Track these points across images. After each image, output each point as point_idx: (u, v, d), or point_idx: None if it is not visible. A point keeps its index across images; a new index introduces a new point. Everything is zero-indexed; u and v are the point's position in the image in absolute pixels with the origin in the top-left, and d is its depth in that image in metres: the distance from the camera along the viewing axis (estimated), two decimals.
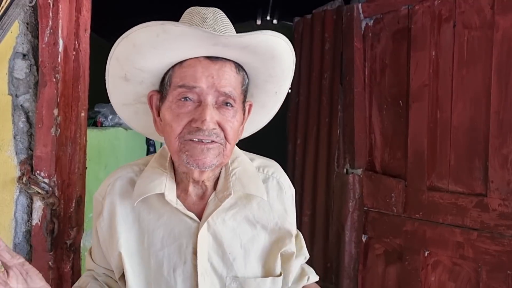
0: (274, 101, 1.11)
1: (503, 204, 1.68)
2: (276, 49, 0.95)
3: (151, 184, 1.00)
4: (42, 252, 1.30)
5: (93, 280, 1.09)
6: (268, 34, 0.91)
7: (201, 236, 0.99)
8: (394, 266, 2.13)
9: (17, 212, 1.34)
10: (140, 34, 0.89)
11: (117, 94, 1.05)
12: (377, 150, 2.26)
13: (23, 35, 1.34)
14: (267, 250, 1.06)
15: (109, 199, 1.05)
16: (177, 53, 0.92)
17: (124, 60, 0.96)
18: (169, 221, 1.01)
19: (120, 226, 1.03)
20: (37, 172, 1.30)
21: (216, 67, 0.92)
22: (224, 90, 0.92)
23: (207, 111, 0.90)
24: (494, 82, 1.72)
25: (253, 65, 0.99)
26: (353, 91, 2.30)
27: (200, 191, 1.04)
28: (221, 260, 1.01)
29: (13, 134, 1.33)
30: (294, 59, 1.03)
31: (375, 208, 2.24)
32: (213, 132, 0.92)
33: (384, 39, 2.21)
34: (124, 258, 1.01)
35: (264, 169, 1.11)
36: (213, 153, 0.93)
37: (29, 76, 1.34)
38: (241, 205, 1.05)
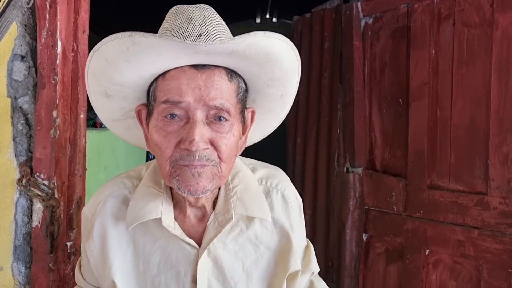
0: (281, 104, 1.00)
1: (503, 203, 1.68)
2: (271, 52, 0.83)
3: (146, 207, 0.91)
4: (42, 254, 1.30)
5: None
6: (258, 35, 0.78)
7: (201, 264, 0.92)
8: (395, 265, 2.13)
9: (17, 214, 1.34)
10: (109, 47, 0.79)
11: (102, 111, 0.96)
12: (377, 149, 2.26)
13: (21, 37, 1.34)
14: (272, 271, 0.98)
15: (99, 220, 0.95)
16: (155, 65, 0.81)
17: (100, 75, 0.86)
18: (166, 245, 0.93)
19: (113, 251, 0.94)
20: (37, 174, 1.30)
21: (203, 77, 0.80)
22: (215, 104, 0.80)
23: (195, 129, 0.79)
24: (494, 80, 1.71)
25: (248, 70, 0.87)
26: (353, 90, 2.29)
27: (199, 213, 0.96)
28: (221, 286, 0.94)
29: (13, 136, 1.33)
30: (298, 59, 0.91)
31: (375, 207, 2.23)
32: (204, 155, 0.81)
33: (383, 37, 2.21)
34: (118, 285, 0.93)
35: (268, 181, 1.02)
36: (206, 176, 0.83)
37: (27, 78, 1.34)
38: (243, 226, 0.96)
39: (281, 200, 1.00)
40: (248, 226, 0.96)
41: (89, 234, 0.96)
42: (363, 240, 2.31)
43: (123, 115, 0.96)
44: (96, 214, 0.95)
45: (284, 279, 0.96)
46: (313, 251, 1.08)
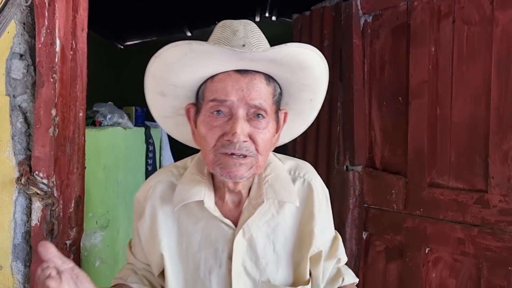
0: (310, 108, 1.14)
1: (503, 200, 1.67)
2: (304, 60, 0.97)
3: (191, 191, 1.05)
4: None
5: (133, 273, 1.16)
6: (294, 46, 0.93)
7: (237, 243, 1.05)
8: (395, 263, 2.13)
9: (16, 213, 1.34)
10: (169, 53, 0.94)
11: (156, 108, 1.11)
12: (377, 147, 2.26)
13: (20, 35, 1.33)
14: (298, 254, 1.10)
15: (150, 202, 1.11)
16: (206, 69, 0.96)
17: (158, 77, 1.01)
18: (206, 226, 1.07)
19: (161, 229, 1.09)
20: (36, 172, 1.30)
21: (245, 80, 0.95)
22: (254, 103, 0.94)
23: (237, 124, 0.93)
24: (494, 78, 1.71)
25: (283, 76, 1.01)
26: (353, 88, 2.29)
27: (236, 199, 1.09)
28: (254, 265, 1.07)
29: (11, 134, 1.33)
30: (327, 67, 1.04)
31: (375, 205, 2.23)
32: (244, 146, 0.94)
33: (383, 35, 2.20)
34: (166, 258, 1.07)
35: (296, 171, 1.14)
36: (245, 167, 0.96)
37: (26, 76, 1.34)
38: (274, 212, 1.09)
39: (307, 188, 1.12)
40: (278, 211, 1.09)
41: (140, 215, 1.12)
42: (363, 238, 2.30)
43: (173, 112, 1.11)
44: (148, 197, 1.11)
45: (307, 261, 1.08)
46: (341, 242, 1.20)
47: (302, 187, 1.12)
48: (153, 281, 1.15)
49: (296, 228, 1.10)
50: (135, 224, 1.15)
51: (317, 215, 1.10)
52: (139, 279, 1.15)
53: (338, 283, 1.17)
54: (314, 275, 1.12)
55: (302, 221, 1.10)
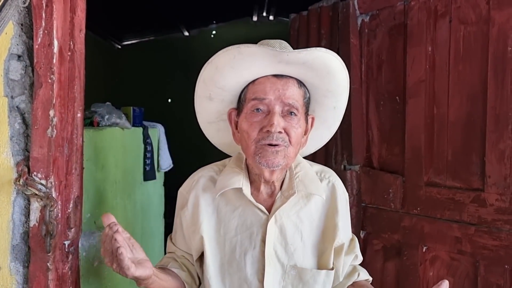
0: (333, 116, 1.30)
1: (500, 199, 1.68)
2: (330, 65, 1.13)
3: (231, 180, 1.22)
4: (40, 253, 1.30)
5: (173, 260, 1.31)
6: (322, 51, 1.10)
7: (270, 227, 1.19)
8: (393, 262, 2.14)
9: (14, 213, 1.34)
10: (221, 57, 1.11)
11: (203, 113, 1.29)
12: (375, 146, 2.27)
13: (18, 36, 1.33)
14: (321, 245, 1.23)
15: (193, 193, 1.28)
16: (250, 71, 1.13)
17: (209, 81, 1.18)
18: (243, 212, 1.23)
19: (202, 215, 1.24)
20: (34, 173, 1.30)
21: (281, 83, 1.14)
22: (288, 101, 1.13)
23: (274, 117, 1.10)
24: (490, 77, 1.72)
25: (312, 81, 1.18)
26: (350, 88, 2.29)
27: (269, 190, 1.25)
28: (283, 250, 1.20)
29: (9, 135, 1.33)
30: (347, 75, 1.22)
31: (373, 204, 2.24)
32: (280, 136, 1.11)
33: (380, 35, 2.21)
34: (205, 240, 1.22)
35: (322, 173, 1.31)
36: (280, 155, 1.12)
37: (24, 77, 1.34)
38: (303, 204, 1.25)
39: (332, 188, 1.29)
40: (306, 204, 1.25)
41: (183, 205, 1.29)
42: (361, 237, 2.31)
43: (217, 117, 1.29)
44: (191, 189, 1.29)
45: (331, 251, 1.21)
46: (357, 242, 1.36)
47: (327, 187, 1.28)
48: (191, 268, 1.30)
49: (321, 222, 1.25)
50: (177, 215, 1.32)
51: (340, 211, 1.25)
52: (178, 265, 1.29)
53: (354, 277, 1.31)
54: (336, 267, 1.24)
55: (327, 216, 1.25)
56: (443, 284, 0.98)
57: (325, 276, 1.20)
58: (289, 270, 1.19)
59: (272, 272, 1.18)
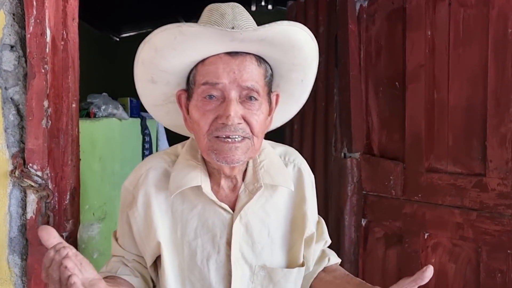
0: (301, 89, 1.13)
1: (502, 184, 1.67)
2: (295, 39, 0.96)
3: (187, 177, 1.04)
4: (38, 245, 1.29)
5: (123, 265, 1.12)
6: (284, 24, 0.92)
7: (236, 227, 1.04)
8: (394, 249, 2.13)
9: (11, 206, 1.33)
10: (159, 37, 0.93)
11: (147, 96, 1.09)
12: (375, 133, 2.25)
13: (10, 26, 1.31)
14: (291, 238, 1.11)
15: (143, 190, 1.08)
16: (196, 52, 0.95)
17: (148, 63, 1.00)
18: (203, 211, 1.06)
19: (156, 217, 1.06)
20: (30, 165, 1.29)
21: (236, 62, 0.94)
22: (247, 84, 0.94)
23: (231, 106, 0.92)
24: (491, 60, 1.69)
25: (274, 57, 1.00)
26: (349, 74, 2.27)
27: (231, 184, 1.08)
28: (250, 250, 1.06)
29: (4, 127, 1.32)
30: (317, 46, 1.03)
31: (373, 191, 2.22)
32: (239, 128, 0.94)
33: (379, 20, 2.18)
34: (163, 247, 1.05)
35: (286, 157, 1.16)
36: (241, 150, 0.96)
37: (18, 68, 1.32)
38: (268, 196, 1.10)
39: (297, 173, 1.14)
40: (272, 195, 1.10)
41: (131, 204, 1.09)
42: (362, 225, 2.30)
43: (164, 100, 1.10)
44: (139, 185, 1.08)
45: (302, 244, 1.09)
46: (324, 224, 1.24)
47: (293, 172, 1.14)
48: (144, 273, 1.13)
49: (289, 212, 1.11)
50: (123, 214, 1.11)
51: (308, 198, 1.13)
52: (129, 271, 1.11)
53: (324, 263, 1.19)
54: (306, 258, 1.13)
55: (294, 205, 1.12)
56: (427, 269, 0.88)
57: (297, 274, 1.09)
58: (258, 271, 1.06)
59: (240, 277, 1.05)
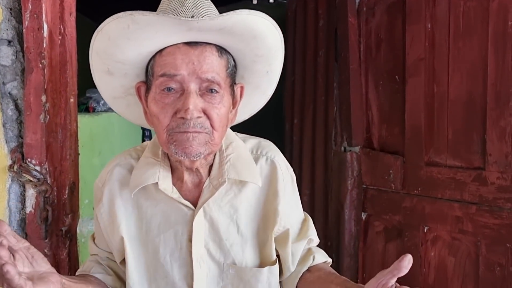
0: (267, 81, 1.09)
1: (501, 177, 1.66)
2: (256, 29, 0.92)
3: (145, 175, 1.01)
4: (37, 240, 1.30)
5: (97, 264, 1.11)
6: (244, 13, 0.88)
7: (196, 224, 1.00)
8: (394, 243, 2.14)
9: (10, 200, 1.33)
10: (112, 26, 0.88)
11: (106, 89, 1.05)
12: (374, 127, 2.24)
13: (7, 20, 1.31)
14: (263, 234, 1.06)
15: (108, 187, 1.06)
16: (153, 42, 0.90)
17: (103, 54, 0.95)
18: (166, 208, 1.03)
19: (120, 213, 1.05)
20: (28, 159, 1.29)
21: (196, 53, 0.90)
22: (206, 76, 0.90)
23: (190, 99, 0.89)
24: (491, 53, 1.68)
25: (236, 47, 0.96)
26: (349, 68, 2.26)
27: (195, 179, 1.04)
28: (218, 247, 1.03)
29: (2, 122, 1.32)
30: (281, 36, 0.99)
31: (373, 185, 2.23)
32: (198, 122, 0.91)
33: (379, 13, 2.17)
34: (126, 242, 1.03)
35: (258, 150, 1.10)
36: (199, 141, 0.92)
37: (15, 62, 1.32)
38: (236, 191, 1.04)
39: (270, 166, 1.07)
40: (241, 190, 1.04)
41: (99, 200, 1.08)
42: (362, 219, 2.31)
43: (123, 92, 1.06)
44: (106, 182, 1.07)
45: (272, 242, 1.04)
46: (311, 223, 1.16)
47: (265, 165, 1.07)
48: (118, 271, 1.11)
49: (260, 207, 1.06)
50: (95, 212, 1.10)
51: (281, 193, 1.06)
52: (103, 269, 1.10)
53: (308, 262, 1.10)
54: (283, 257, 1.08)
55: (267, 200, 1.06)
56: (404, 259, 0.81)
57: (268, 273, 1.04)
58: (227, 269, 1.03)
59: (205, 275, 1.02)
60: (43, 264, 0.81)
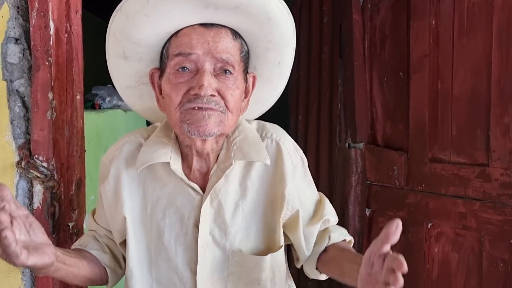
0: (278, 73, 1.09)
1: (505, 174, 1.66)
2: (271, 10, 0.92)
3: (157, 153, 0.99)
4: None
5: (94, 240, 1.10)
6: None
7: (204, 210, 0.98)
8: (398, 239, 2.14)
9: (18, 196, 1.35)
10: (131, 3, 0.89)
11: (119, 76, 1.07)
12: (379, 123, 2.25)
13: (14, 19, 1.33)
14: (271, 220, 1.03)
15: (115, 164, 1.05)
16: (170, 20, 0.91)
17: (120, 34, 0.96)
18: (173, 191, 1.01)
19: (125, 191, 1.03)
20: (36, 156, 1.30)
21: (211, 34, 0.91)
22: (221, 56, 0.91)
23: (204, 76, 0.88)
24: (495, 50, 1.68)
25: (249, 31, 0.96)
26: (353, 65, 2.27)
27: (204, 166, 1.02)
28: (223, 233, 1.00)
29: (10, 119, 1.33)
30: (293, 24, 1.00)
31: (377, 181, 2.23)
32: (212, 100, 0.90)
33: (383, 10, 2.17)
34: (128, 222, 1.02)
35: (263, 132, 1.06)
36: (214, 120, 0.91)
37: (22, 60, 1.34)
38: (243, 175, 1.02)
39: (275, 148, 1.03)
40: (247, 174, 1.02)
41: (104, 178, 1.06)
42: (366, 215, 2.32)
43: (137, 80, 1.06)
44: (114, 159, 1.05)
45: (279, 227, 1.03)
46: (327, 203, 1.12)
47: (270, 147, 1.03)
48: (115, 250, 1.10)
49: (267, 192, 1.02)
50: (99, 188, 1.09)
51: (287, 177, 1.02)
52: (99, 246, 1.09)
53: (324, 242, 1.07)
54: (295, 242, 1.06)
55: (273, 184, 1.02)
56: (392, 224, 0.75)
57: (272, 261, 1.02)
58: (232, 256, 1.00)
59: (209, 262, 1.00)
60: (40, 235, 0.82)
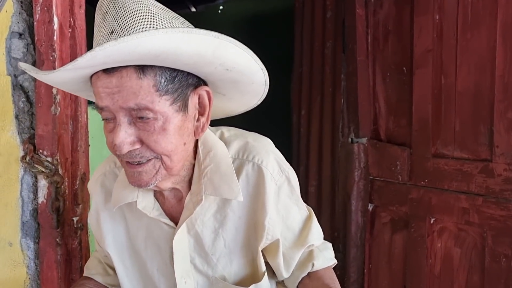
0: (255, 89, 0.95)
1: (508, 169, 1.66)
2: (183, 53, 0.76)
3: (124, 191, 0.96)
4: (49, 229, 1.33)
5: (98, 262, 1.15)
6: (160, 34, 0.69)
7: (177, 242, 0.95)
8: (401, 234, 2.15)
9: (23, 191, 1.36)
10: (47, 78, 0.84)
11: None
12: (382, 119, 2.25)
13: (18, 14, 1.33)
14: (254, 245, 0.99)
15: (95, 198, 1.05)
16: (78, 72, 0.80)
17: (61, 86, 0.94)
18: (149, 223, 0.99)
19: (106, 227, 1.04)
20: (40, 151, 1.31)
21: (113, 81, 0.77)
22: (129, 106, 0.77)
23: (118, 133, 0.79)
24: (499, 45, 1.67)
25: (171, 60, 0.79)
26: (356, 60, 2.26)
27: (178, 194, 0.98)
28: (204, 261, 0.99)
29: (15, 114, 1.34)
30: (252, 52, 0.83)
31: (380, 176, 2.23)
32: (136, 154, 0.82)
33: (386, 4, 2.16)
34: (113, 257, 1.04)
35: (244, 154, 0.96)
36: (146, 174, 0.84)
37: (26, 55, 1.34)
38: (220, 204, 0.96)
39: (257, 173, 0.94)
40: (225, 202, 0.95)
41: (90, 208, 1.08)
42: (369, 210, 2.32)
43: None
44: (93, 194, 1.07)
45: (260, 255, 0.98)
46: (313, 225, 1.04)
47: (252, 172, 0.94)
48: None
49: (248, 218, 0.96)
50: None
51: (268, 206, 0.94)
52: (102, 268, 1.13)
53: (307, 268, 1.02)
54: (273, 266, 1.02)
55: (255, 211, 0.96)
56: None
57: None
58: (216, 282, 0.98)
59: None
60: None
